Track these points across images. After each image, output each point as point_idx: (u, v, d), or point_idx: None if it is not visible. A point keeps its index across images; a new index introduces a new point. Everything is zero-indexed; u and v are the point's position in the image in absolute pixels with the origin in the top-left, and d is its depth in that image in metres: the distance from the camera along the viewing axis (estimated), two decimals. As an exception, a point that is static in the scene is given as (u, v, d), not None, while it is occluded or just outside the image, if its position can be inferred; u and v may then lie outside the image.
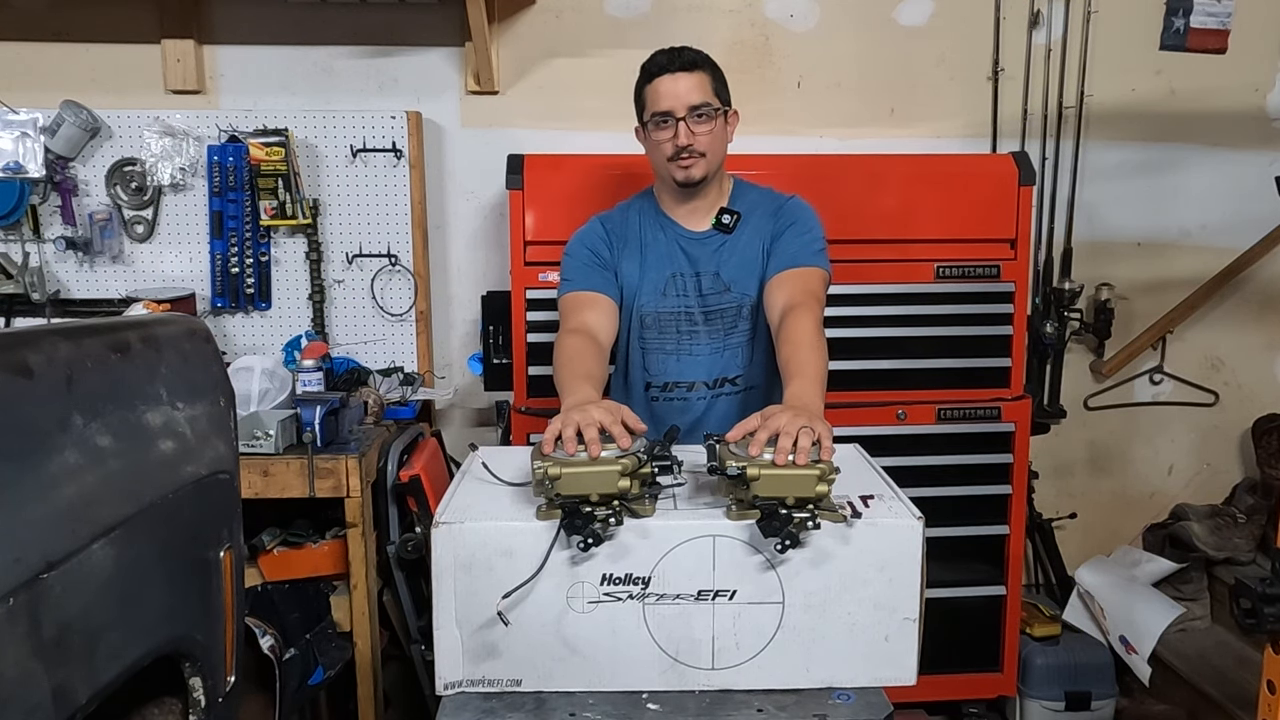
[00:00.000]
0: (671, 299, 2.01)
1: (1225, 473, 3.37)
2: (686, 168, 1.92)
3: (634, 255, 2.03)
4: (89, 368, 1.16)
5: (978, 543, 2.76)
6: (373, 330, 3.02)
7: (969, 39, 3.08)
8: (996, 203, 2.69)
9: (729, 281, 2.00)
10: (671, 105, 1.89)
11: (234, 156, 2.86)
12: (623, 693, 1.44)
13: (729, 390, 2.03)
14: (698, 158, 1.92)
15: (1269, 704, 1.62)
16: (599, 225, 2.07)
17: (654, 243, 2.03)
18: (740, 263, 2.01)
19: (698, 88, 1.90)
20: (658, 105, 1.91)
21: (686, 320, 2.01)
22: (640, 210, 2.07)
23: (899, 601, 1.44)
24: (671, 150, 1.91)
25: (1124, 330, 3.21)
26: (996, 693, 2.86)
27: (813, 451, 1.44)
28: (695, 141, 1.90)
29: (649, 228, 2.04)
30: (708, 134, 1.92)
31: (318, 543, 2.49)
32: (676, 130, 1.90)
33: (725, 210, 2.02)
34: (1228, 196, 3.21)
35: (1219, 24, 3.10)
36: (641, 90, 1.96)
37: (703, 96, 1.90)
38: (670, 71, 1.90)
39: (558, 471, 1.38)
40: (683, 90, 1.89)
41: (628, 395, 2.09)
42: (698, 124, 1.90)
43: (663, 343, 2.03)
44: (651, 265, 2.02)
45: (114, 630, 1.14)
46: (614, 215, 2.09)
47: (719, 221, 2.01)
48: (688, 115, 1.89)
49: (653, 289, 2.01)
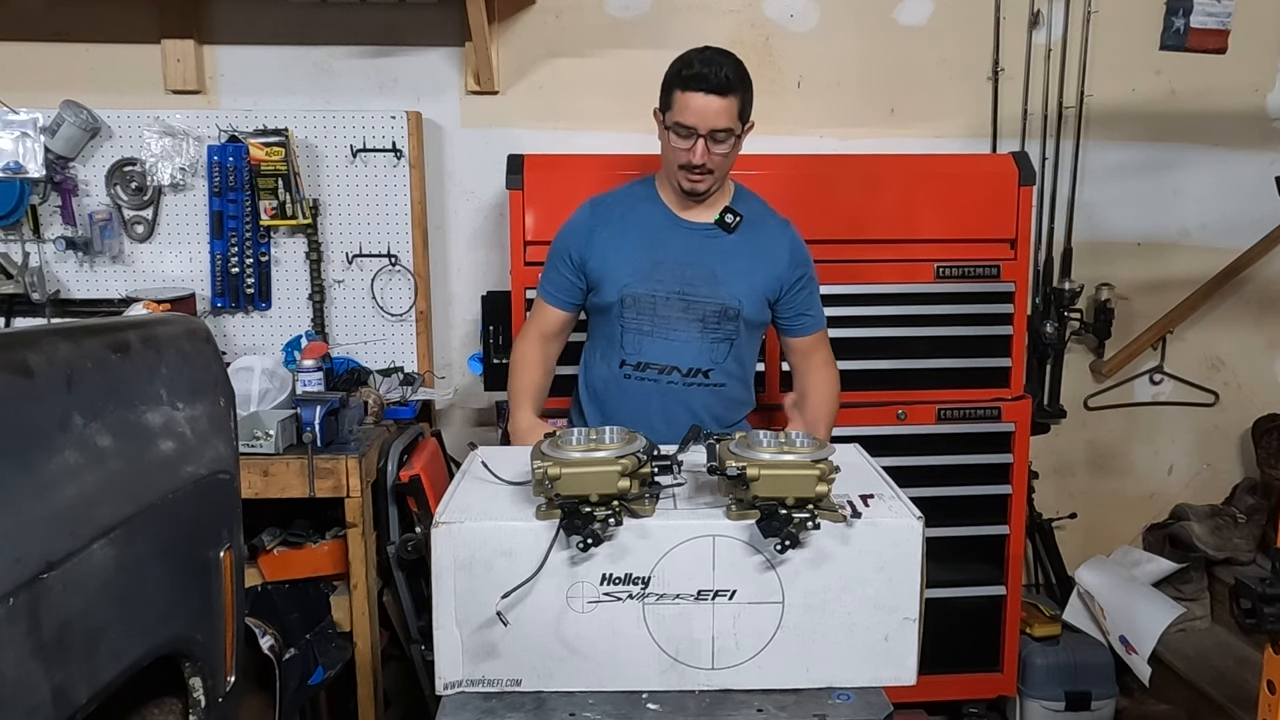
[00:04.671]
0: (655, 283, 2.06)
1: (1225, 473, 3.37)
2: (695, 181, 2.01)
3: (621, 236, 2.08)
4: (89, 368, 1.16)
5: (978, 543, 2.76)
6: (373, 330, 3.02)
7: (969, 39, 3.08)
8: (996, 203, 2.68)
9: (722, 279, 2.05)
10: (696, 123, 1.94)
11: (234, 156, 2.86)
12: (623, 693, 1.44)
13: (701, 382, 2.08)
14: (706, 174, 2.00)
15: (1269, 704, 1.62)
16: (587, 213, 2.15)
17: (645, 227, 2.09)
18: (739, 268, 2.07)
19: (725, 112, 1.95)
20: (684, 118, 1.95)
21: (665, 305, 2.06)
22: (637, 195, 2.14)
23: (899, 601, 1.44)
24: (685, 160, 1.98)
25: (1124, 330, 3.21)
26: (996, 693, 2.86)
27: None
28: (709, 161, 1.97)
29: (643, 212, 2.11)
30: (723, 155, 1.99)
31: (318, 543, 2.49)
32: (694, 147, 1.95)
33: (729, 209, 2.08)
34: (1228, 196, 3.21)
35: (1219, 24, 3.10)
36: (672, 90, 1.98)
37: (728, 122, 1.96)
38: (706, 90, 1.93)
39: (557, 471, 1.38)
40: (711, 114, 1.94)
41: (598, 370, 2.15)
42: (716, 145, 1.97)
43: (640, 323, 2.07)
44: (641, 247, 2.07)
45: (114, 630, 1.14)
46: (608, 199, 2.16)
47: (722, 219, 2.07)
48: (709, 136, 1.95)
49: (635, 271, 2.06)
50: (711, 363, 2.07)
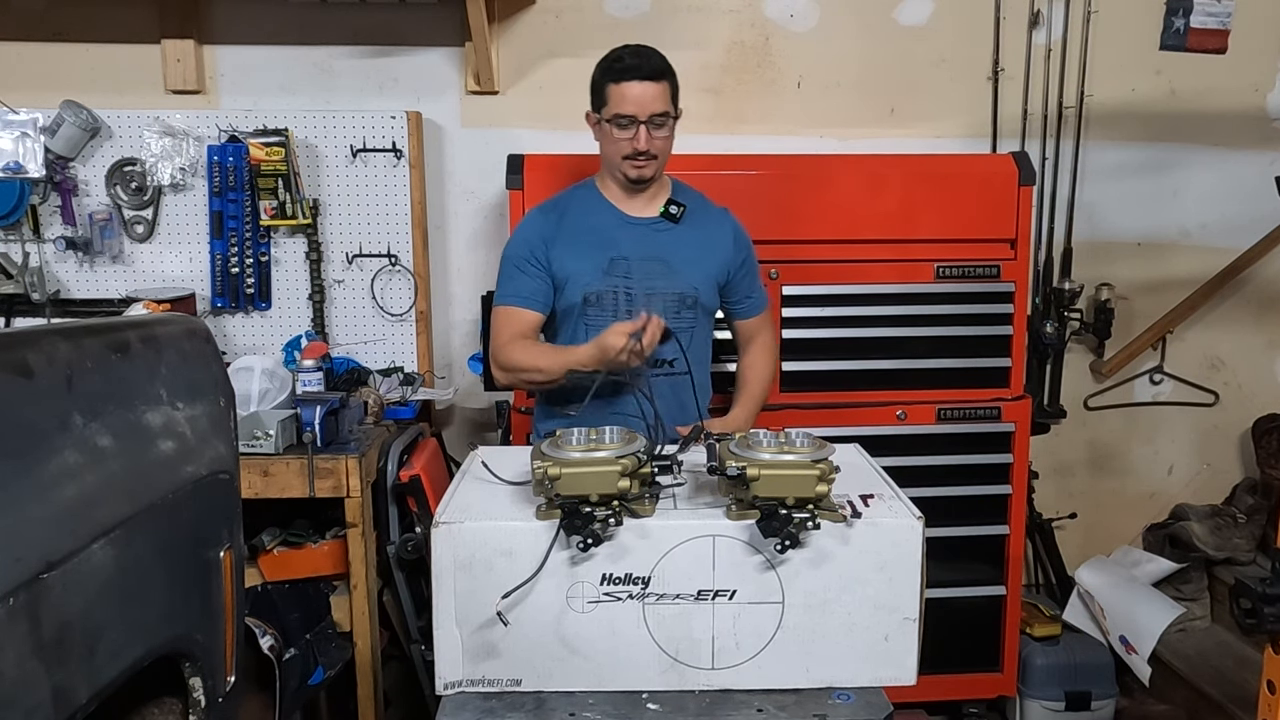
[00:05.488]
0: (614, 279, 2.11)
1: (1225, 473, 3.37)
2: (641, 168, 2.08)
3: (574, 240, 2.13)
4: (89, 368, 1.16)
5: (978, 543, 2.76)
6: (373, 330, 3.02)
7: (969, 39, 3.08)
8: (996, 203, 2.68)
9: (677, 268, 2.13)
10: (636, 111, 2.04)
11: (234, 156, 2.86)
12: (623, 693, 1.45)
13: (667, 371, 2.12)
14: (651, 160, 2.08)
15: (1269, 704, 1.62)
16: (537, 218, 2.19)
17: (597, 227, 2.14)
18: (690, 256, 2.14)
19: (661, 97, 2.05)
20: (623, 108, 2.04)
21: (627, 300, 2.10)
22: (582, 199, 2.19)
23: (899, 601, 1.44)
24: (629, 150, 2.06)
25: (1124, 330, 3.21)
26: (996, 693, 2.86)
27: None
28: (652, 146, 2.06)
29: (592, 213, 2.16)
30: (664, 139, 2.08)
31: (318, 543, 2.49)
32: (637, 134, 2.04)
33: (672, 201, 2.17)
34: (1228, 196, 3.20)
35: (1219, 24, 3.10)
36: (604, 87, 2.08)
37: (664, 106, 2.06)
38: (640, 78, 2.03)
39: (557, 471, 1.38)
40: (649, 99, 2.04)
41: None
42: (657, 130, 2.06)
43: (603, 320, 2.08)
44: (594, 247, 2.12)
45: (114, 630, 1.14)
46: (554, 205, 2.21)
47: (667, 211, 2.16)
48: (649, 121, 2.03)
49: (594, 270, 2.11)
50: (675, 352, 2.09)
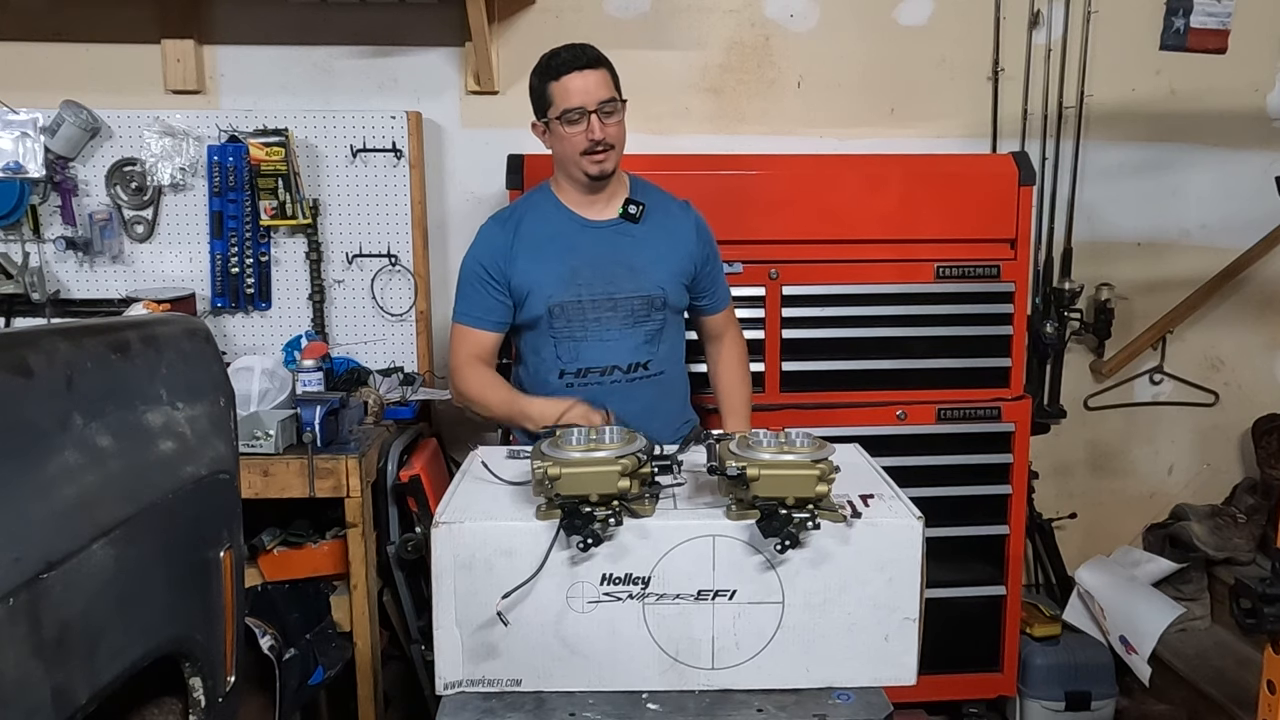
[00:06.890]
0: (578, 287, 2.07)
1: (1225, 473, 3.37)
2: (600, 161, 2.03)
3: (533, 251, 2.08)
4: (89, 368, 1.16)
5: (978, 543, 2.76)
6: (373, 330, 3.02)
7: (969, 39, 3.08)
8: (996, 203, 2.68)
9: (641, 269, 2.08)
10: (583, 101, 1.99)
11: (234, 156, 2.86)
12: (623, 693, 1.45)
13: (643, 375, 2.10)
14: (609, 150, 2.03)
15: (1269, 704, 1.62)
16: (494, 231, 2.13)
17: (556, 235, 2.09)
18: (654, 255, 2.10)
19: (604, 83, 2.01)
20: (569, 101, 2.00)
21: (594, 308, 2.07)
22: (537, 205, 2.14)
23: (899, 601, 1.44)
24: (585, 144, 2.01)
25: (1124, 330, 3.21)
26: (996, 693, 2.86)
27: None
28: (607, 135, 2.01)
29: (549, 221, 2.11)
30: (616, 126, 2.04)
31: (318, 543, 2.48)
32: (590, 125, 1.99)
33: (630, 201, 2.12)
34: (1228, 196, 3.20)
35: (1219, 24, 3.10)
36: (545, 88, 2.03)
37: (610, 92, 2.02)
38: (579, 69, 1.99)
39: (558, 471, 1.38)
40: (593, 86, 2.00)
41: (537, 386, 2.14)
42: (608, 119, 2.01)
43: (572, 330, 2.08)
44: (554, 257, 2.08)
45: (114, 630, 1.14)
46: (510, 214, 2.16)
47: (625, 211, 2.11)
48: (599, 110, 1.99)
49: (557, 280, 2.07)
50: (649, 354, 2.09)
